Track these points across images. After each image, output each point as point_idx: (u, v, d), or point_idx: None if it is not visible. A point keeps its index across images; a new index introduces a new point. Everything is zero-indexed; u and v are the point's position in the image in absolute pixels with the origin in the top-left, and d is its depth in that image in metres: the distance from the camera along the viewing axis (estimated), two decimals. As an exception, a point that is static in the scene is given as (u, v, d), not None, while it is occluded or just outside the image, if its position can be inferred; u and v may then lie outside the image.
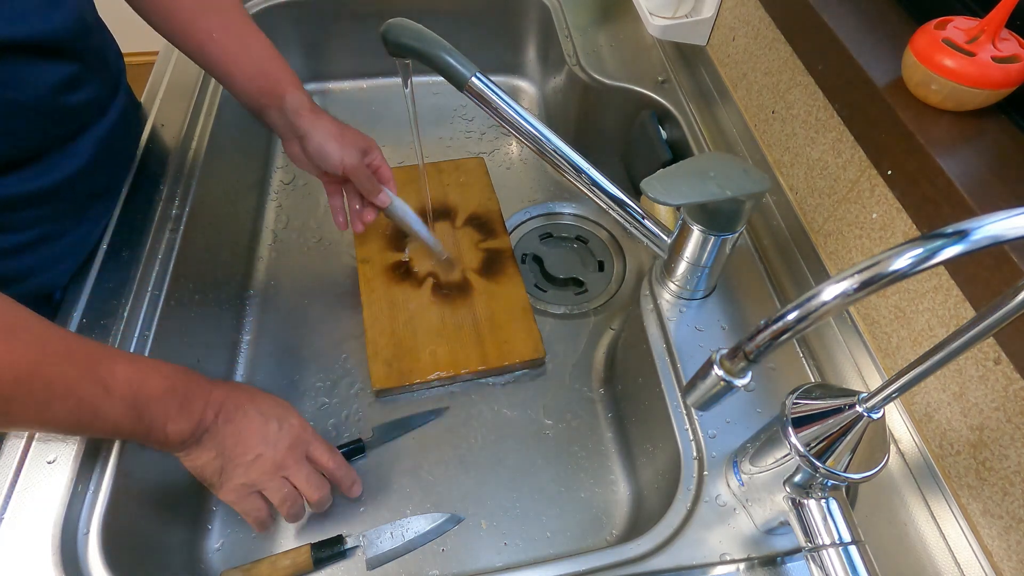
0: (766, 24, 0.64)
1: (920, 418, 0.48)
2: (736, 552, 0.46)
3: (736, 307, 0.58)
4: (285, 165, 0.88)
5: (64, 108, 0.50)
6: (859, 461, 0.36)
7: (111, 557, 0.44)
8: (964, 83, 0.42)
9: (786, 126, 0.62)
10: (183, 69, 0.76)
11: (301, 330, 0.72)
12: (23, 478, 0.45)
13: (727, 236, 0.51)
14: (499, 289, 0.73)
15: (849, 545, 0.38)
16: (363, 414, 0.66)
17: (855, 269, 0.26)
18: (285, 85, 0.57)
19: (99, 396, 0.39)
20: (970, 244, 0.23)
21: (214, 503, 0.60)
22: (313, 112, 0.58)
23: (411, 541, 0.57)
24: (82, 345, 0.40)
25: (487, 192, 0.83)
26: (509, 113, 0.51)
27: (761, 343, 0.29)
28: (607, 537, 0.59)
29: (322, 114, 0.59)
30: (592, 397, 0.69)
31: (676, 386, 0.54)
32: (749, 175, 0.47)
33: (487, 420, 0.66)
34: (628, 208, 0.54)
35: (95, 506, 0.46)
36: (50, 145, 0.51)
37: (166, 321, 0.56)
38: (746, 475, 0.45)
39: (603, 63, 0.82)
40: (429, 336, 0.69)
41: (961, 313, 0.43)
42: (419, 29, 0.50)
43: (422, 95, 0.98)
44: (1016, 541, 0.40)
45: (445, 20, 0.94)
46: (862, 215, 0.52)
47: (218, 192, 0.70)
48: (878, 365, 0.52)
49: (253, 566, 0.54)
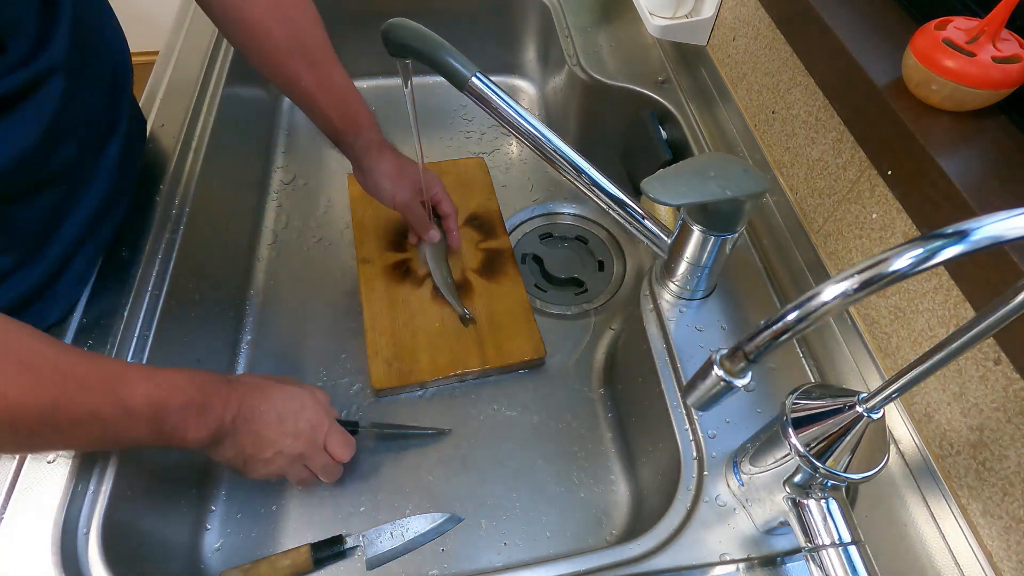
0: (766, 24, 0.64)
1: (920, 418, 0.48)
2: (736, 552, 0.46)
3: (736, 307, 0.58)
4: (285, 165, 0.88)
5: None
6: (859, 461, 0.36)
7: (111, 557, 0.44)
8: (964, 83, 0.42)
9: (786, 126, 0.62)
10: (183, 69, 0.76)
11: (301, 330, 0.72)
12: (23, 478, 0.45)
13: (727, 236, 0.51)
14: (499, 289, 0.73)
15: (849, 545, 0.38)
16: (363, 414, 0.66)
17: (855, 269, 0.26)
18: (358, 126, 0.64)
19: (121, 418, 0.40)
20: (970, 244, 0.23)
21: (214, 503, 0.60)
22: (378, 150, 0.65)
23: (411, 541, 0.57)
24: (100, 368, 0.40)
25: (487, 192, 0.83)
26: (509, 113, 0.51)
27: (761, 343, 0.29)
28: (607, 537, 0.59)
29: (386, 153, 0.66)
30: (592, 397, 0.69)
31: (676, 386, 0.54)
32: (749, 175, 0.47)
33: (487, 420, 0.66)
34: (628, 208, 0.54)
35: (95, 506, 0.46)
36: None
37: (166, 321, 0.56)
38: (746, 475, 0.45)
39: (603, 63, 0.82)
40: (429, 336, 0.69)
41: (961, 313, 0.43)
42: (419, 29, 0.50)
43: (422, 95, 0.98)
44: (1016, 541, 0.40)
45: (445, 20, 0.94)
46: (862, 215, 0.52)
47: (218, 192, 0.70)
48: (878, 365, 0.52)
49: (253, 566, 0.54)
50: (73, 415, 0.38)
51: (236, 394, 0.48)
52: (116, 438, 0.42)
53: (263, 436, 0.49)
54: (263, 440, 0.49)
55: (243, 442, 0.48)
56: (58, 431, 0.38)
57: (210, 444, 0.47)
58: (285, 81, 0.61)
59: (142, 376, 0.42)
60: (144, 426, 0.42)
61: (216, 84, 0.75)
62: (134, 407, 0.41)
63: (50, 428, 0.37)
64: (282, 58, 0.59)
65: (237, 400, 0.48)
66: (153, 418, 0.42)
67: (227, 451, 0.48)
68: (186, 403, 0.44)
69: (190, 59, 0.76)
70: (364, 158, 0.65)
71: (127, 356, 0.52)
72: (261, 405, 0.50)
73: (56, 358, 0.38)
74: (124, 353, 0.52)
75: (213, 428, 0.46)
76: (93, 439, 0.41)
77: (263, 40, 0.58)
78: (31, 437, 0.38)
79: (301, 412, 0.52)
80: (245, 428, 0.48)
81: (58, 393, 0.37)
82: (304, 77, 0.60)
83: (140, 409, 0.41)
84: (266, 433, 0.50)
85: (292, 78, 0.60)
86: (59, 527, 0.43)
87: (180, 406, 0.43)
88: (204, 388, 0.46)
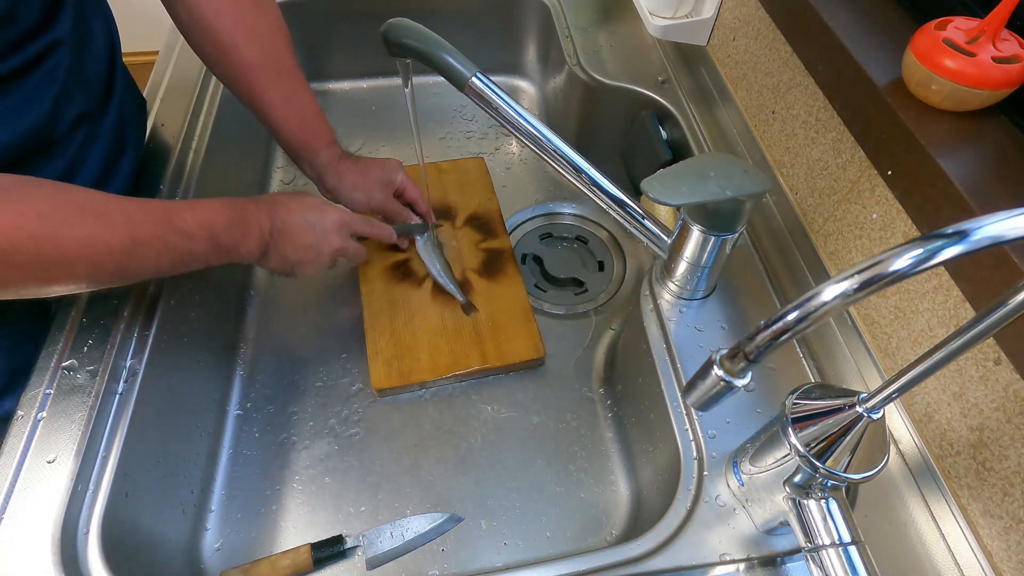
0: (766, 24, 0.64)
1: (920, 418, 0.48)
2: (736, 552, 0.46)
3: (736, 307, 0.58)
4: (285, 165, 0.88)
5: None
6: (859, 461, 0.36)
7: (111, 557, 0.44)
8: (964, 83, 0.42)
9: (786, 126, 0.62)
10: (183, 69, 0.76)
11: (301, 330, 0.72)
12: (23, 478, 0.45)
13: (727, 236, 0.51)
14: (499, 289, 0.73)
15: (849, 545, 0.38)
16: (363, 414, 0.66)
17: (855, 269, 0.26)
18: (319, 143, 0.65)
19: (186, 241, 0.48)
20: (970, 244, 0.23)
21: (213, 504, 0.60)
22: (340, 165, 0.66)
23: (411, 541, 0.57)
24: (153, 207, 0.47)
25: (487, 192, 0.83)
26: (509, 113, 0.51)
27: (761, 343, 0.29)
28: (607, 537, 0.59)
29: (346, 164, 0.67)
30: (592, 397, 0.69)
31: (676, 386, 0.54)
32: (749, 175, 0.47)
33: (487, 420, 0.66)
34: (628, 208, 0.54)
35: (95, 506, 0.46)
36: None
37: (166, 321, 0.56)
38: (746, 475, 0.45)
39: (603, 63, 0.82)
40: (429, 336, 0.69)
41: (961, 313, 0.43)
42: (419, 29, 0.50)
43: (422, 95, 0.98)
44: (1016, 541, 0.40)
45: (445, 20, 0.94)
46: (862, 215, 0.52)
47: (218, 192, 0.70)
48: (878, 365, 0.52)
49: (252, 566, 0.54)
50: (149, 245, 0.45)
51: (264, 211, 0.55)
52: (190, 259, 0.49)
53: (303, 242, 0.57)
54: (300, 247, 0.57)
55: (285, 251, 0.56)
56: (142, 259, 0.45)
57: (260, 256, 0.55)
58: (249, 95, 0.61)
59: (186, 206, 0.49)
60: (203, 243, 0.49)
61: (216, 84, 0.75)
62: (191, 231, 0.48)
63: (137, 258, 0.45)
64: (247, 72, 0.59)
65: (268, 215, 0.55)
66: (208, 237, 0.49)
67: (272, 261, 0.57)
68: (229, 220, 0.51)
69: (190, 59, 0.76)
70: (327, 176, 0.66)
71: (127, 355, 0.52)
72: (289, 218, 0.57)
73: (119, 205, 0.44)
74: (124, 352, 0.52)
75: (257, 238, 0.54)
76: (173, 262, 0.48)
77: (230, 52, 0.58)
78: (126, 268, 0.45)
79: (326, 213, 0.59)
80: (283, 239, 0.56)
81: (132, 231, 0.44)
82: (268, 92, 0.60)
83: (194, 231, 0.48)
84: (304, 239, 0.57)
85: (256, 92, 0.60)
86: (59, 527, 0.43)
87: (225, 223, 0.51)
88: (238, 207, 0.53)
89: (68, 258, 0.41)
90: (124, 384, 0.51)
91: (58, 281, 0.42)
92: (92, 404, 0.49)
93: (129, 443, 0.49)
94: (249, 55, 0.58)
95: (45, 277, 0.41)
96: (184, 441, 0.58)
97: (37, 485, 0.45)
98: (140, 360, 0.52)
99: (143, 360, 0.52)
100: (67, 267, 0.41)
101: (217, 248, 0.50)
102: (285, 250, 0.57)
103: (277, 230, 0.56)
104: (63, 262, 0.41)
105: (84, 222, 0.42)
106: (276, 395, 0.67)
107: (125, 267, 0.45)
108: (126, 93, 0.61)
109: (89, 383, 0.50)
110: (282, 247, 0.56)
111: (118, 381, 0.51)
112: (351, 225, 0.62)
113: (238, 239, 0.52)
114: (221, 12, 0.56)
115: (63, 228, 0.40)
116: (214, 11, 0.56)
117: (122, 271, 0.45)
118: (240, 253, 0.53)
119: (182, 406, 0.58)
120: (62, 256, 0.41)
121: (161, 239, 0.46)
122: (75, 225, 0.41)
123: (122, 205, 0.45)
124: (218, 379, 0.66)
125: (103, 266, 0.43)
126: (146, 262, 0.46)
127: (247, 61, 0.58)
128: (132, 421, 0.50)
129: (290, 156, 0.66)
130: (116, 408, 0.50)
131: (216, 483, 0.61)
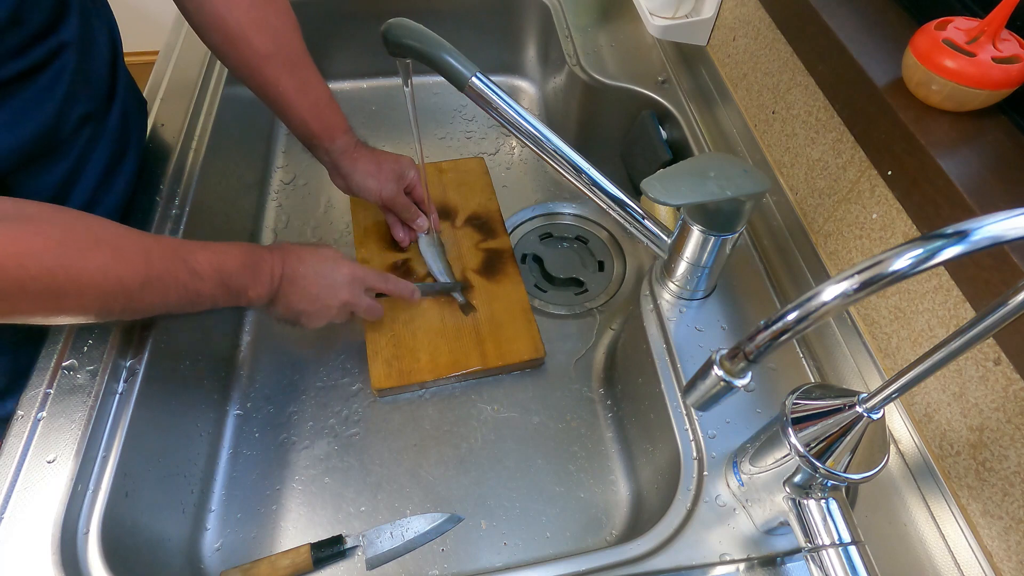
0: (766, 24, 0.64)
1: (920, 418, 0.48)
2: (736, 552, 0.46)
3: (736, 307, 0.58)
4: (285, 165, 0.88)
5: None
6: (859, 461, 0.36)
7: (111, 557, 0.44)
8: (964, 83, 0.42)
9: (786, 126, 0.62)
10: (183, 69, 0.76)
11: (301, 330, 0.72)
12: (23, 478, 0.45)
13: (727, 236, 0.51)
14: (499, 289, 0.73)
15: (849, 545, 0.38)
16: (363, 414, 0.66)
17: (855, 269, 0.26)
18: (335, 130, 0.65)
19: (196, 281, 0.48)
20: (970, 244, 0.23)
21: (213, 504, 0.60)
22: (355, 152, 0.67)
23: (411, 541, 0.57)
24: (167, 243, 0.48)
25: (487, 192, 0.83)
26: (509, 113, 0.51)
27: (761, 343, 0.29)
28: (607, 537, 0.59)
29: (362, 152, 0.68)
30: (592, 397, 0.69)
31: (676, 386, 0.54)
32: (749, 175, 0.47)
33: (487, 420, 0.66)
34: (628, 208, 0.54)
35: (95, 506, 0.46)
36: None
37: (166, 320, 0.56)
38: (746, 475, 0.45)
39: (603, 63, 0.82)
40: (429, 336, 0.69)
41: (961, 313, 0.43)
42: (419, 29, 0.50)
43: (422, 95, 0.98)
44: (1016, 542, 0.40)
45: (445, 20, 0.94)
46: (862, 215, 0.52)
47: (218, 192, 0.70)
48: (878, 365, 0.52)
49: (252, 566, 0.54)
50: (160, 281, 0.46)
51: (278, 257, 0.56)
52: (196, 298, 0.48)
53: (309, 292, 0.57)
54: (309, 295, 0.57)
55: (293, 300, 0.56)
56: (152, 294, 0.45)
57: (268, 303, 0.55)
58: (262, 86, 0.61)
59: (199, 246, 0.49)
60: (213, 285, 0.49)
61: (216, 84, 0.75)
62: (203, 271, 0.48)
63: (148, 293, 0.45)
64: (260, 63, 0.59)
65: (280, 262, 0.55)
66: (218, 278, 0.49)
67: (280, 309, 0.57)
68: (241, 264, 0.51)
69: (190, 59, 0.76)
70: (342, 163, 0.67)
71: (127, 355, 0.52)
72: (299, 267, 0.57)
73: (135, 240, 0.45)
74: (124, 352, 0.52)
75: (267, 285, 0.54)
76: (180, 300, 0.47)
77: (241, 45, 0.58)
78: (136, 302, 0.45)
79: (336, 267, 0.59)
80: (291, 287, 0.56)
81: (146, 266, 0.44)
82: (282, 82, 0.61)
83: (205, 271, 0.48)
84: (311, 289, 0.57)
85: (270, 83, 0.61)
86: (59, 527, 0.43)
87: (237, 267, 0.51)
88: (251, 252, 0.53)
89: (81, 289, 0.41)
90: (124, 384, 0.51)
91: (68, 311, 0.42)
92: (92, 404, 0.49)
93: (129, 443, 0.49)
94: (261, 47, 0.58)
95: (56, 306, 0.41)
96: (184, 441, 0.58)
97: (37, 485, 0.45)
98: (140, 360, 0.52)
99: (143, 360, 0.52)
100: (78, 297, 0.41)
101: (227, 290, 0.50)
102: (292, 298, 0.56)
103: (287, 278, 0.56)
104: (75, 292, 0.41)
105: (100, 254, 0.42)
106: (276, 395, 0.67)
107: (136, 302, 0.45)
108: (128, 93, 0.61)
109: (89, 383, 0.50)
110: (290, 295, 0.56)
111: (118, 381, 0.51)
112: (364, 280, 0.62)
113: (248, 283, 0.52)
114: (231, 5, 0.56)
115: (79, 259, 0.40)
116: (224, 4, 0.56)
117: (132, 305, 0.45)
118: (248, 297, 0.53)
119: (182, 406, 0.58)
120: (75, 286, 0.41)
121: (173, 276, 0.46)
122: (91, 256, 0.41)
123: (138, 240, 0.45)
124: (218, 379, 0.66)
125: (114, 298, 0.43)
126: (155, 298, 0.46)
127: (259, 53, 0.59)
128: (132, 421, 0.50)
129: (305, 144, 0.67)
130: (116, 408, 0.50)
131: (216, 483, 0.61)
